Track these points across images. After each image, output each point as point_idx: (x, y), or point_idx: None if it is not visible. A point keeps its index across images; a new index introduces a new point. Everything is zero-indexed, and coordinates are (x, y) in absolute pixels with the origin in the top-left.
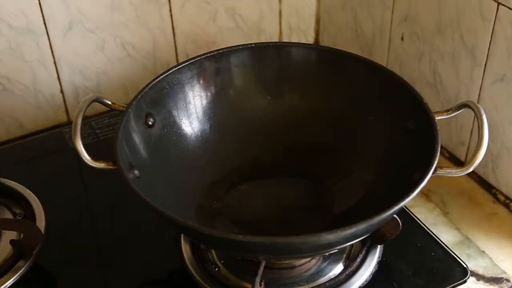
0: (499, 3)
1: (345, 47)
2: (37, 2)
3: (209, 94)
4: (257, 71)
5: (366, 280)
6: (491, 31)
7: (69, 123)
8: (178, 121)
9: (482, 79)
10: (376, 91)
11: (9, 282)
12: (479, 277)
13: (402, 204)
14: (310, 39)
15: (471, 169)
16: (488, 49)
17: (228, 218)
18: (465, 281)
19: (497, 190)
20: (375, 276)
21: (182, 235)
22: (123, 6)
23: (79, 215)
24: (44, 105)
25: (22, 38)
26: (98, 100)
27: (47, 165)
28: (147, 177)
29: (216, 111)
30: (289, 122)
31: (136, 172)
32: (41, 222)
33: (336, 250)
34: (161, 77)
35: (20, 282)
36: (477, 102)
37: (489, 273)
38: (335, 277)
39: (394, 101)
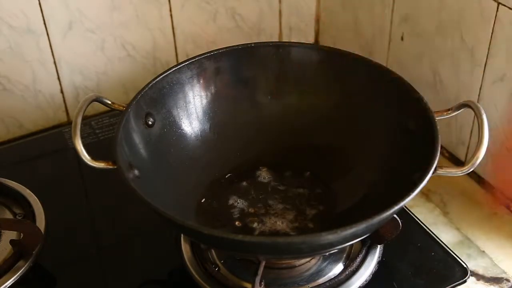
0: (499, 3)
1: (345, 47)
2: (37, 2)
3: (209, 94)
4: (257, 71)
5: (366, 280)
6: (491, 31)
7: (69, 123)
8: (178, 120)
9: (482, 79)
10: (376, 91)
11: (9, 282)
12: (479, 277)
13: (402, 204)
14: (310, 39)
15: (471, 169)
16: (488, 49)
17: (228, 217)
18: (465, 281)
19: (497, 190)
20: (375, 276)
21: (182, 235)
22: (123, 6)
23: (79, 215)
24: (44, 105)
25: (22, 38)
26: (98, 100)
27: (47, 165)
28: (147, 177)
29: (216, 111)
30: (289, 122)
31: (136, 172)
32: (41, 222)
33: (336, 250)
34: (161, 76)
35: (20, 282)
36: (477, 102)
37: (489, 273)
38: (335, 277)
39: (394, 101)
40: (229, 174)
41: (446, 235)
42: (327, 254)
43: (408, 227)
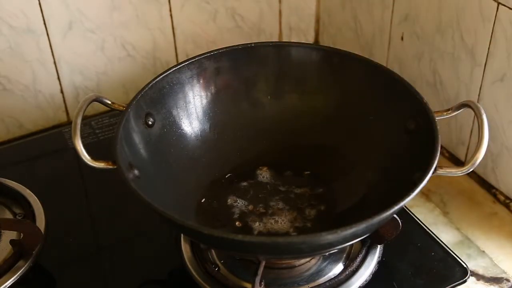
0: (499, 3)
1: (345, 47)
2: (37, 2)
3: (209, 94)
4: (257, 71)
5: (366, 280)
6: (491, 31)
7: (69, 123)
8: (178, 120)
9: (482, 79)
10: (376, 91)
11: (9, 282)
12: (479, 277)
13: (402, 204)
14: (310, 39)
15: (471, 169)
16: (488, 49)
17: (228, 217)
18: (465, 281)
19: (497, 190)
20: (375, 276)
21: (182, 235)
22: (123, 6)
23: (79, 215)
24: (44, 105)
25: (22, 38)
26: (98, 100)
27: (47, 165)
28: (147, 177)
29: (216, 111)
30: (289, 122)
31: (136, 172)
32: (41, 222)
33: (336, 250)
34: (161, 76)
35: (20, 282)
36: (477, 102)
37: (489, 273)
38: (335, 277)
39: (394, 101)
40: (229, 174)
41: (446, 235)
42: (327, 254)
43: (408, 227)
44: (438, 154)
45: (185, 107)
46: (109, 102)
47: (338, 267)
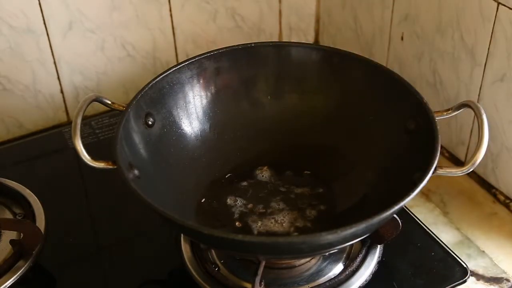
0: (499, 3)
1: (345, 47)
2: (37, 2)
3: (209, 94)
4: (257, 71)
5: (366, 280)
6: (491, 31)
7: (69, 123)
8: (178, 120)
9: (482, 79)
10: (376, 91)
11: (9, 282)
12: (479, 277)
13: (402, 204)
14: (310, 39)
15: (471, 169)
16: (488, 49)
17: (228, 217)
18: (465, 281)
19: (497, 190)
20: (375, 276)
21: (182, 235)
22: (123, 6)
23: (79, 215)
24: (44, 105)
25: (22, 38)
26: (98, 100)
27: (47, 165)
28: (147, 177)
29: (216, 111)
30: (289, 122)
31: (136, 172)
32: (41, 222)
33: (336, 250)
34: (161, 76)
35: (20, 282)
36: (477, 102)
37: (489, 273)
38: (335, 277)
39: (394, 101)
40: (229, 174)
41: (446, 235)
42: (327, 254)
43: (408, 227)
44: (438, 154)
45: (185, 107)
46: (109, 102)
47: (338, 267)
